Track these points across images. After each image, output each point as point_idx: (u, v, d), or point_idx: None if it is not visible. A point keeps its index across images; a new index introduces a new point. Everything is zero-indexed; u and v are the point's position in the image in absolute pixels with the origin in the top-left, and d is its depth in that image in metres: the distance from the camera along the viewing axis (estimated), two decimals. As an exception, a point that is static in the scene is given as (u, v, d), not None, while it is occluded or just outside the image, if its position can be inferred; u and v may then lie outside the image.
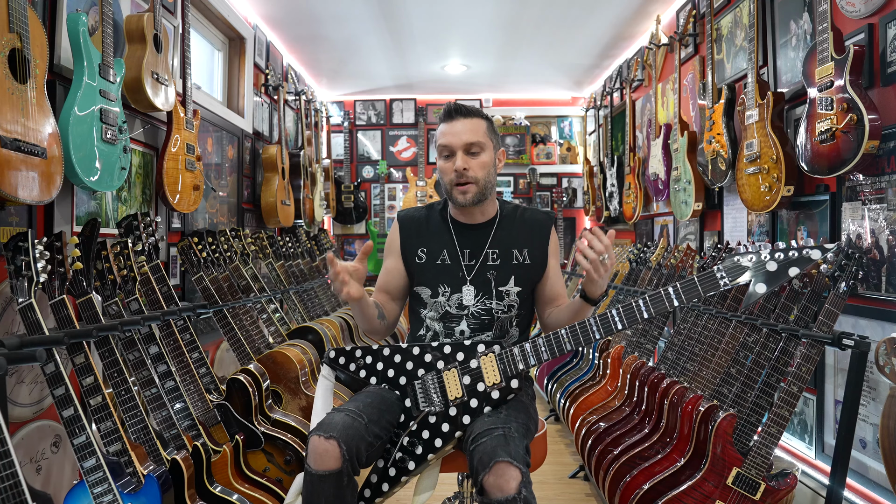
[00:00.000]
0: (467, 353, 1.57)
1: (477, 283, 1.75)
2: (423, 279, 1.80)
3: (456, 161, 1.72)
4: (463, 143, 1.72)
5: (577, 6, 3.77)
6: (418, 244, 1.82)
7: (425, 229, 1.84)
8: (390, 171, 6.19)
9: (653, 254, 3.20)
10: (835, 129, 1.95)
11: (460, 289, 1.75)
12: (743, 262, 1.45)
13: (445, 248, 1.79)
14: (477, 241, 1.79)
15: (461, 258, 1.78)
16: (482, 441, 1.41)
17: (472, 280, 1.76)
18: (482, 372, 1.55)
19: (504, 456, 1.34)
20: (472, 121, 1.75)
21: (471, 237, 1.80)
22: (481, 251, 1.78)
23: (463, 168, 1.71)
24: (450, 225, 1.83)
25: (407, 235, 1.85)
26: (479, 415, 1.53)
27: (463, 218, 1.82)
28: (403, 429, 1.56)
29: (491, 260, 1.77)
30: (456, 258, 1.78)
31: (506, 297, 1.75)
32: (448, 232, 1.81)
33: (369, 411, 1.50)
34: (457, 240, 1.80)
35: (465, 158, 1.72)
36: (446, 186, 1.77)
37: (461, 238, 1.80)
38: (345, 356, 1.68)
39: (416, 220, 1.87)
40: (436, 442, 1.53)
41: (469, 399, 1.54)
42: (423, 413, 1.55)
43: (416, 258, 1.81)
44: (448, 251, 1.79)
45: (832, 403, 2.23)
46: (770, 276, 1.42)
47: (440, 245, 1.80)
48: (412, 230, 1.85)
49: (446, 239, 1.80)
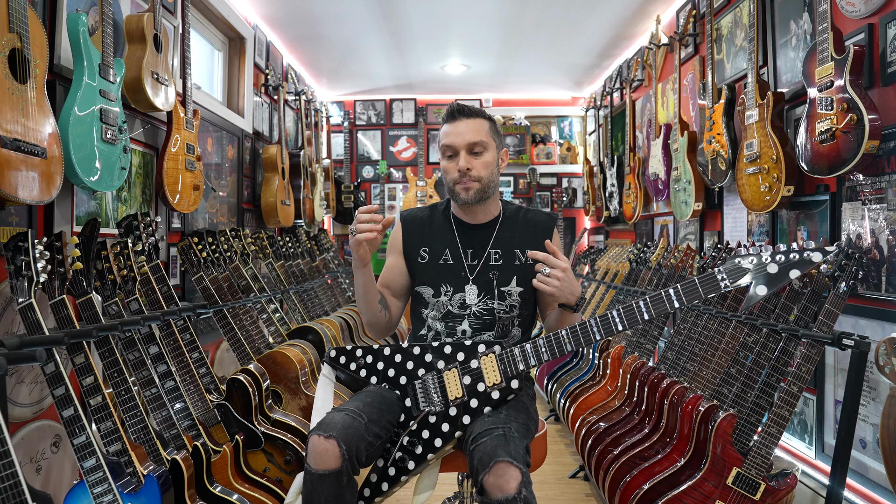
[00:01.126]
0: (468, 353, 1.57)
1: (479, 282, 1.76)
2: (425, 278, 1.80)
3: (459, 161, 1.73)
4: (466, 142, 1.73)
5: (577, 6, 3.77)
6: (421, 244, 1.82)
7: (428, 229, 1.84)
8: (390, 171, 6.20)
9: (653, 254, 3.20)
10: (835, 129, 1.95)
11: (463, 288, 1.75)
12: (744, 264, 1.45)
13: (448, 248, 1.79)
14: (479, 241, 1.80)
15: (464, 258, 1.78)
16: (482, 441, 1.41)
17: (474, 279, 1.76)
18: (482, 372, 1.55)
19: (504, 456, 1.34)
20: (475, 121, 1.75)
21: (473, 237, 1.80)
22: (484, 251, 1.78)
23: (466, 168, 1.72)
24: (452, 225, 1.83)
25: (410, 235, 1.85)
26: (479, 415, 1.53)
27: (466, 218, 1.82)
28: (403, 428, 1.56)
29: (493, 260, 1.78)
30: (458, 258, 1.78)
31: (508, 297, 1.75)
32: (451, 232, 1.82)
33: (369, 411, 1.50)
34: (459, 239, 1.80)
35: (469, 158, 1.73)
36: (449, 185, 1.77)
37: (464, 238, 1.80)
38: (345, 355, 1.68)
39: (418, 220, 1.87)
40: (436, 442, 1.52)
41: (469, 399, 1.54)
42: (424, 413, 1.54)
43: (419, 258, 1.81)
44: (451, 251, 1.79)
45: (832, 403, 2.23)
46: (771, 278, 1.42)
47: (443, 245, 1.80)
48: (415, 230, 1.85)
49: (449, 239, 1.81)
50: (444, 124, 1.79)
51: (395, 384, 1.63)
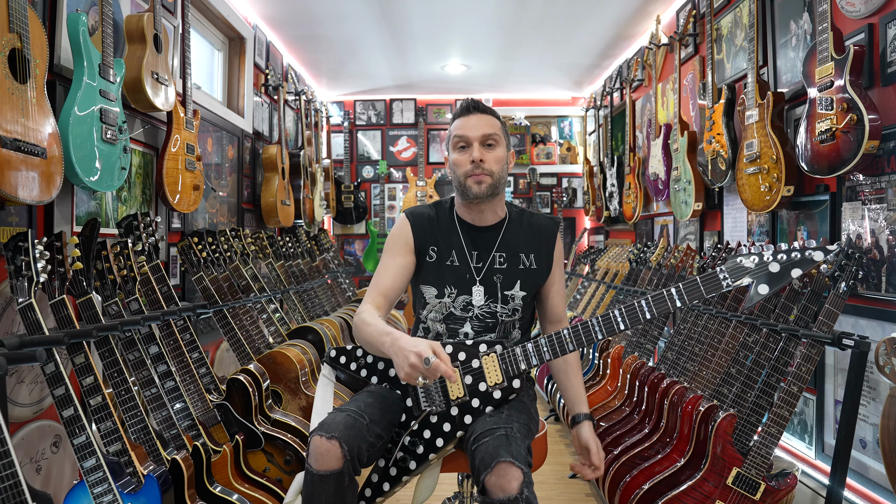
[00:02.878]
0: (469, 352, 1.56)
1: (485, 285, 1.74)
2: (429, 278, 1.77)
3: (472, 152, 1.70)
4: (480, 134, 1.70)
5: (577, 6, 3.77)
6: (430, 242, 1.78)
7: (435, 228, 1.81)
8: (390, 171, 6.19)
9: (653, 254, 3.20)
10: (835, 129, 1.95)
11: (469, 290, 1.73)
12: (745, 264, 1.44)
13: (454, 249, 1.77)
14: (485, 244, 1.77)
15: (469, 260, 1.76)
16: (484, 441, 1.41)
17: (481, 280, 1.74)
18: (484, 372, 1.54)
19: (506, 456, 1.34)
20: (488, 116, 1.74)
21: (479, 239, 1.78)
22: (489, 254, 1.76)
23: (479, 159, 1.69)
24: (457, 226, 1.80)
25: (420, 233, 1.79)
26: (480, 415, 1.52)
27: (472, 219, 1.79)
28: (405, 428, 1.55)
29: (498, 263, 1.76)
30: (464, 259, 1.76)
31: (511, 301, 1.74)
32: (457, 233, 1.79)
33: (371, 411, 1.50)
34: (465, 241, 1.78)
35: (482, 150, 1.70)
36: (459, 179, 1.73)
37: (469, 240, 1.78)
38: (346, 355, 1.67)
39: (426, 218, 1.83)
40: (437, 441, 1.52)
41: (471, 399, 1.53)
42: (425, 413, 1.54)
43: (427, 257, 1.78)
44: (457, 252, 1.77)
45: (832, 403, 2.23)
46: (772, 277, 1.42)
47: (449, 245, 1.77)
48: (424, 227, 1.80)
49: (455, 240, 1.78)
50: (455, 118, 1.77)
51: (396, 384, 1.62)
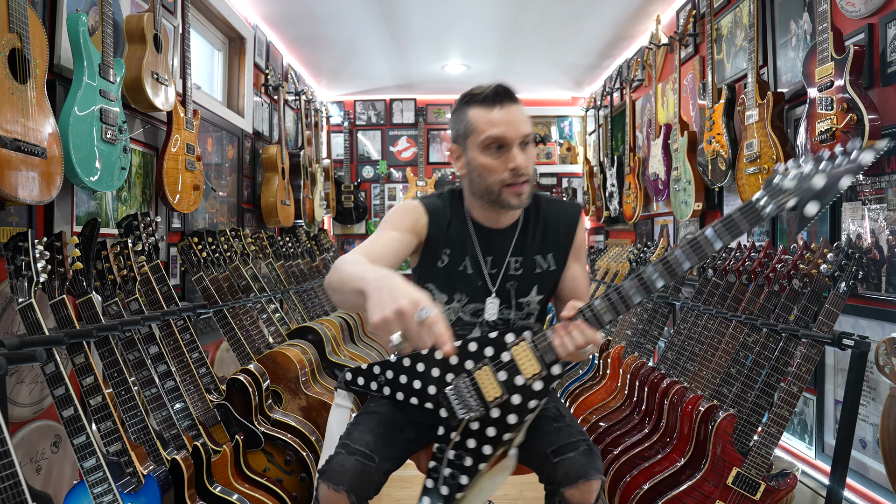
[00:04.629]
0: (496, 346, 1.36)
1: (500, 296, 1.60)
2: (439, 282, 1.62)
3: (515, 157, 1.45)
4: (521, 134, 1.46)
5: (577, 6, 3.76)
6: (443, 244, 1.59)
7: (447, 227, 1.61)
8: (390, 171, 6.19)
9: (653, 254, 3.20)
10: (835, 129, 1.95)
11: (482, 300, 1.59)
12: (785, 184, 1.21)
13: (468, 255, 1.59)
14: (500, 247, 1.61)
15: (483, 266, 1.59)
16: (568, 456, 1.39)
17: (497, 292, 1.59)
18: (517, 364, 1.35)
19: (595, 475, 1.35)
20: (521, 108, 1.48)
21: (493, 244, 1.60)
22: (503, 260, 1.60)
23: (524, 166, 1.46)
24: (471, 228, 1.61)
25: (437, 229, 1.59)
26: (525, 411, 1.34)
27: (487, 222, 1.61)
28: (446, 443, 1.37)
29: (513, 269, 1.60)
30: (478, 267, 1.59)
31: (526, 307, 1.62)
32: (470, 237, 1.60)
33: (381, 445, 1.42)
34: (479, 246, 1.60)
35: (521, 153, 1.47)
36: (491, 187, 1.49)
37: (483, 244, 1.60)
38: (363, 375, 1.52)
39: (441, 214, 1.61)
40: (484, 449, 1.35)
41: (510, 396, 1.34)
42: (464, 421, 1.36)
43: (439, 260, 1.60)
44: (470, 258, 1.59)
45: (832, 403, 2.23)
46: (820, 192, 1.19)
47: (462, 250, 1.60)
48: (441, 224, 1.59)
49: (469, 244, 1.60)
50: (481, 107, 1.47)
51: (424, 396, 1.42)
